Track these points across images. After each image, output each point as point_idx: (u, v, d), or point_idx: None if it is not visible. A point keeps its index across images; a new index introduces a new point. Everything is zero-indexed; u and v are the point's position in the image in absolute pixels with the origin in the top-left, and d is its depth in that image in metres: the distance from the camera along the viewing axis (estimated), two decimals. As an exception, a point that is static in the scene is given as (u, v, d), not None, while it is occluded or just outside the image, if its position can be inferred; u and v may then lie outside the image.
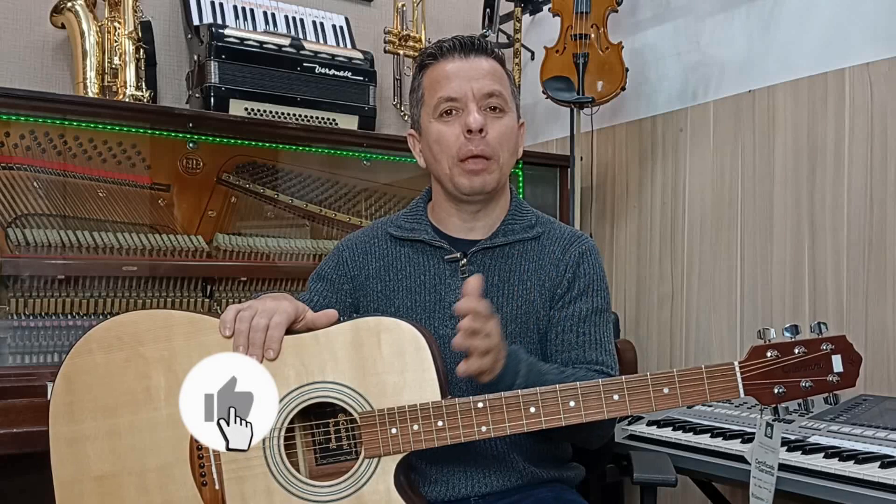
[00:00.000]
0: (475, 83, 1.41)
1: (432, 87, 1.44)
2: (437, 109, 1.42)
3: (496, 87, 1.42)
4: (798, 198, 2.27)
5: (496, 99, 1.42)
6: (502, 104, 1.43)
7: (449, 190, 1.45)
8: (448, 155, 1.42)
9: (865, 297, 2.10)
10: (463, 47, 1.43)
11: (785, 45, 2.33)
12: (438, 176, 1.46)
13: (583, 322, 1.45)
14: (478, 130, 1.39)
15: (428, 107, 1.45)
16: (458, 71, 1.42)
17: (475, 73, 1.42)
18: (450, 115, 1.42)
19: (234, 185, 2.18)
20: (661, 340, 2.64)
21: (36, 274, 1.89)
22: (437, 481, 1.40)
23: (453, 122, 1.42)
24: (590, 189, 2.86)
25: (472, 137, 1.39)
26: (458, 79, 1.41)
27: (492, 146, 1.41)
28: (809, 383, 1.23)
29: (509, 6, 2.89)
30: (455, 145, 1.41)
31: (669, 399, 1.23)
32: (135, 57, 2.23)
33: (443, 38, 1.47)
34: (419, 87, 1.48)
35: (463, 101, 1.41)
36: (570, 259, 1.47)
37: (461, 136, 1.40)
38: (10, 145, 1.89)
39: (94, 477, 1.25)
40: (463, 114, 1.41)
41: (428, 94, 1.45)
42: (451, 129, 1.41)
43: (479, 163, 1.41)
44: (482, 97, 1.41)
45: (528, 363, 1.33)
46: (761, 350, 1.23)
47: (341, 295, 1.51)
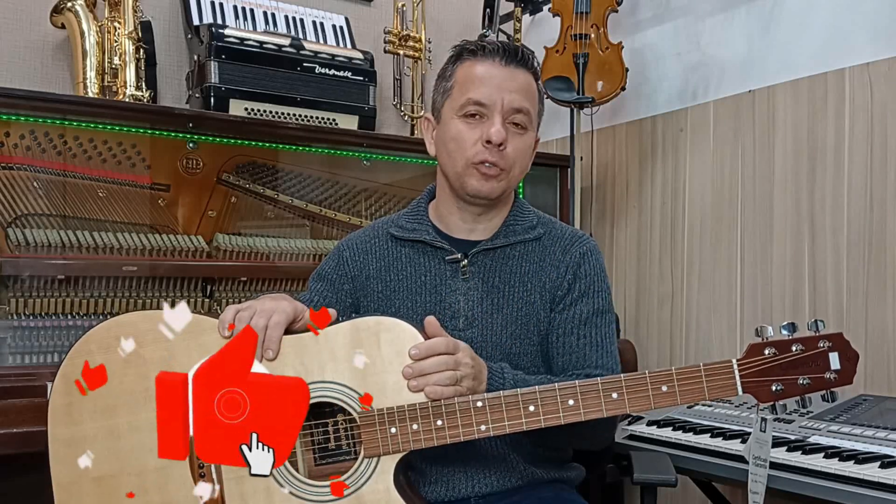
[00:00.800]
0: (507, 95, 1.40)
1: (464, 85, 1.42)
2: (463, 108, 1.41)
3: (525, 105, 1.42)
4: (798, 198, 2.27)
5: (522, 116, 1.42)
6: (526, 122, 1.43)
7: (455, 187, 1.45)
8: (463, 156, 1.41)
9: (865, 297, 2.09)
10: (506, 54, 1.42)
11: (785, 45, 2.33)
12: (447, 171, 1.46)
13: (583, 325, 1.44)
14: (497, 144, 1.39)
15: (454, 101, 1.43)
16: (494, 77, 1.41)
17: (510, 85, 1.41)
18: (473, 119, 1.41)
19: (234, 185, 2.18)
20: (661, 340, 2.64)
21: (36, 274, 1.89)
22: (437, 481, 1.40)
23: (475, 127, 1.41)
24: (590, 189, 2.86)
25: (490, 148, 1.39)
26: (491, 85, 1.40)
27: (507, 160, 1.41)
28: (807, 380, 1.23)
29: (509, 6, 2.89)
30: (472, 149, 1.40)
31: (668, 397, 1.23)
32: (135, 57, 2.23)
33: (488, 38, 1.46)
34: (451, 77, 1.46)
35: (490, 108, 1.40)
36: (570, 260, 1.47)
37: (479, 142, 1.40)
38: (10, 145, 1.89)
39: (93, 478, 1.25)
40: (486, 121, 1.40)
41: (458, 89, 1.43)
42: (472, 133, 1.41)
43: (493, 169, 1.41)
44: (510, 111, 1.40)
45: (514, 380, 1.33)
46: (759, 348, 1.24)
47: (341, 295, 1.50)
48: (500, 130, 1.39)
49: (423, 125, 1.53)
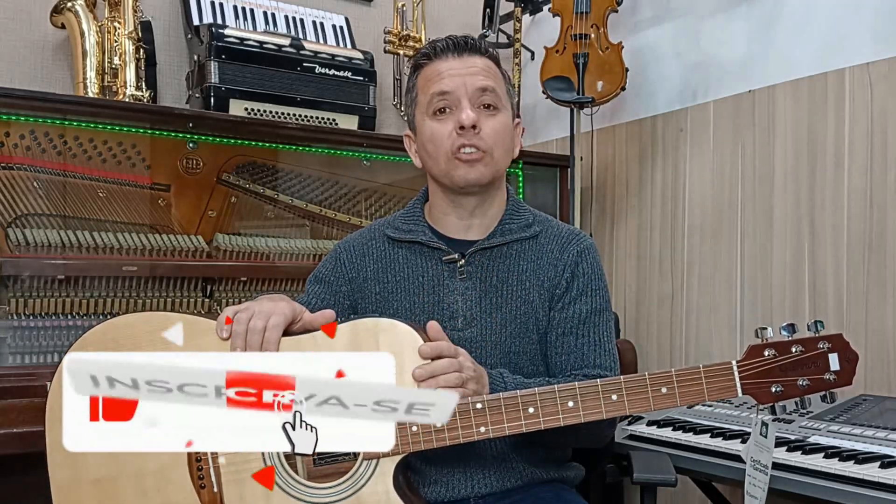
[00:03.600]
0: (468, 79, 1.41)
1: (425, 86, 1.44)
2: (431, 106, 1.43)
3: (489, 83, 1.42)
4: (798, 198, 2.27)
5: (489, 95, 1.42)
6: (496, 101, 1.43)
7: (445, 185, 1.45)
8: (443, 150, 1.42)
9: (865, 297, 2.09)
10: (456, 47, 1.44)
11: (785, 45, 2.33)
12: (434, 173, 1.46)
13: (582, 324, 1.44)
14: (470, 126, 1.39)
15: (421, 105, 1.45)
16: (451, 68, 1.42)
17: (469, 70, 1.42)
18: (443, 114, 1.42)
19: (234, 185, 2.18)
20: (660, 340, 2.64)
21: (36, 274, 1.89)
22: (436, 482, 1.40)
23: (447, 120, 1.42)
24: (590, 189, 2.86)
25: (464, 133, 1.40)
26: (450, 76, 1.42)
27: (486, 142, 1.41)
28: (806, 382, 1.23)
29: (509, 6, 2.89)
30: (448, 141, 1.41)
31: (668, 399, 1.23)
32: (135, 57, 2.23)
33: (436, 39, 1.48)
34: (413, 87, 1.48)
35: (455, 95, 1.41)
36: (568, 258, 1.47)
37: (454, 132, 1.41)
38: (10, 145, 1.89)
39: (92, 480, 1.25)
40: (456, 111, 1.41)
41: (421, 92, 1.45)
42: (445, 127, 1.42)
43: (475, 153, 1.41)
44: (475, 92, 1.41)
45: (515, 383, 1.34)
46: (759, 349, 1.24)
47: (339, 297, 1.50)
48: (470, 113, 1.39)
49: (406, 143, 1.54)
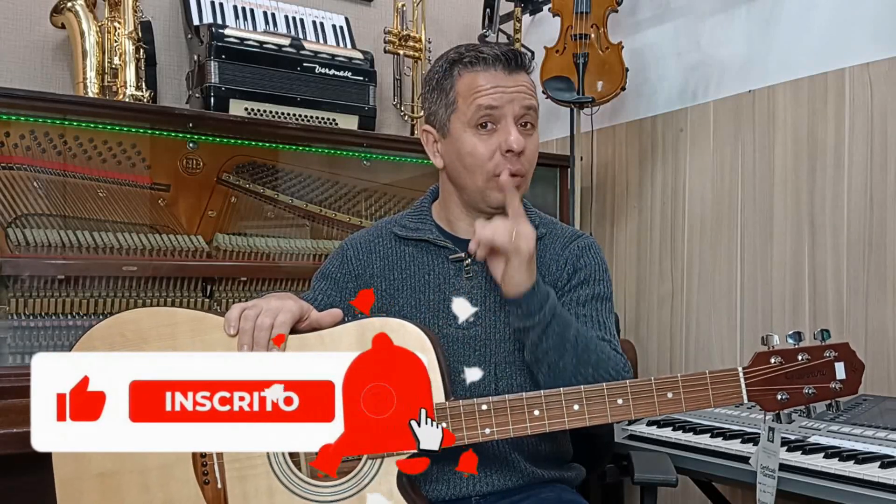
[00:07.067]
0: (517, 98, 1.39)
1: (469, 95, 1.40)
2: (475, 119, 1.39)
3: (533, 102, 1.42)
4: (798, 198, 2.27)
5: (531, 114, 1.42)
6: (534, 120, 1.43)
7: (474, 201, 1.44)
8: (483, 170, 1.40)
9: (865, 297, 2.10)
10: (507, 62, 1.40)
11: (785, 45, 2.33)
12: (464, 186, 1.44)
13: (583, 305, 1.44)
14: (518, 152, 1.39)
15: (462, 113, 1.41)
16: (501, 83, 1.39)
17: (517, 89, 1.40)
18: (485, 129, 1.39)
19: (234, 185, 2.18)
20: (660, 340, 2.64)
21: (36, 274, 1.89)
22: (438, 480, 1.40)
23: (489, 138, 1.39)
24: (590, 189, 2.86)
25: (510, 158, 1.39)
26: (500, 92, 1.39)
27: (524, 166, 1.42)
28: (812, 390, 1.23)
29: (509, 6, 2.89)
30: (491, 163, 1.39)
31: (673, 404, 1.23)
32: (135, 57, 2.22)
33: (477, 45, 1.45)
34: (451, 88, 1.43)
35: (501, 112, 1.39)
36: (569, 254, 1.48)
37: (497, 153, 1.39)
38: (10, 145, 1.89)
39: (95, 474, 1.25)
40: (500, 129, 1.39)
41: (463, 100, 1.41)
42: (488, 146, 1.39)
43: (516, 180, 1.40)
44: (520, 111, 1.40)
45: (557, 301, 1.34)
46: (765, 356, 1.24)
47: (346, 294, 1.50)
48: (520, 138, 1.38)
49: (424, 137, 1.50)
